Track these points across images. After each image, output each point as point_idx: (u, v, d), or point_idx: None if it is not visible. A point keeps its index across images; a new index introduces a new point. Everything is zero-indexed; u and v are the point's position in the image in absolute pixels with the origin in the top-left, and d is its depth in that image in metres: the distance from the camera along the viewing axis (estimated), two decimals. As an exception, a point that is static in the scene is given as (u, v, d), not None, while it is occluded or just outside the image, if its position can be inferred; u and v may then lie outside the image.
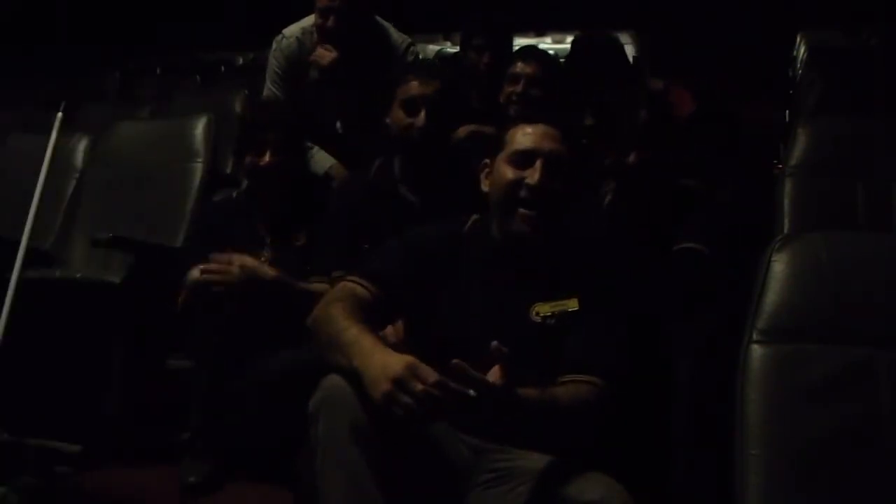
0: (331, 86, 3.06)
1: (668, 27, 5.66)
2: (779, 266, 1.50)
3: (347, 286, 1.79)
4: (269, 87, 3.17)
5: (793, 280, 1.48)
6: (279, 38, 3.18)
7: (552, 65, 3.21)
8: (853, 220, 2.45)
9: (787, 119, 3.86)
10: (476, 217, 1.93)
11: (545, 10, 5.92)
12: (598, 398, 1.66)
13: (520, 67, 3.06)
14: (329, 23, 2.99)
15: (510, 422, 1.53)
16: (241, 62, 6.27)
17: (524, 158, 1.81)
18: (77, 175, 3.36)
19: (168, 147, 3.22)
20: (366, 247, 2.29)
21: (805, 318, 1.46)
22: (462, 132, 2.92)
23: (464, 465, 1.68)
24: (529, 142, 1.82)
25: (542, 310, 1.76)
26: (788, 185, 2.54)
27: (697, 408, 1.91)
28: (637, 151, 2.23)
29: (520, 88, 3.02)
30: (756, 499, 1.36)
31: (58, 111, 2.83)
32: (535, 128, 1.84)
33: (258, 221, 2.54)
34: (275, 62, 3.17)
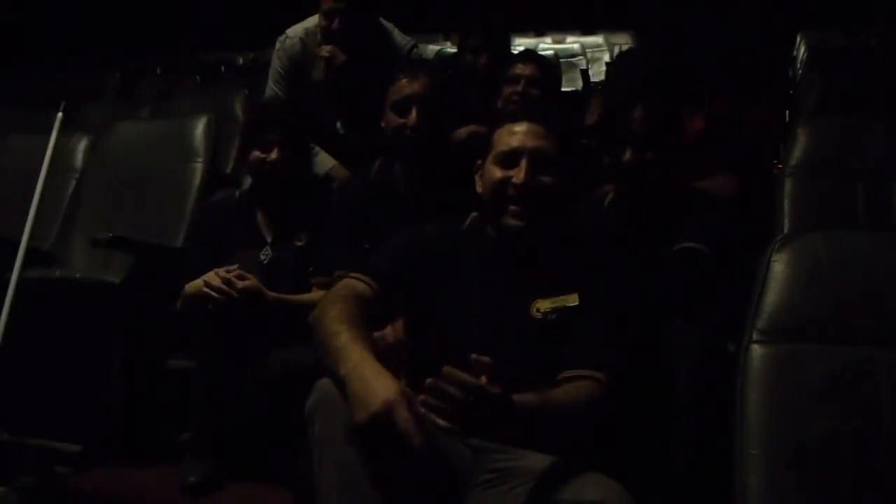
0: (333, 86, 3.06)
1: (668, 27, 5.66)
2: (779, 266, 1.50)
3: (349, 283, 1.79)
4: (272, 87, 3.17)
5: (793, 280, 1.48)
6: (282, 38, 3.18)
7: (551, 66, 3.22)
8: (853, 220, 2.45)
9: (787, 119, 3.86)
10: (475, 215, 1.93)
11: (544, 11, 5.92)
12: (599, 394, 1.65)
13: (519, 69, 3.07)
14: (334, 25, 2.98)
15: (509, 426, 1.51)
16: (242, 62, 6.28)
17: (510, 158, 1.82)
18: (77, 175, 3.36)
19: (168, 147, 3.22)
20: (367, 247, 2.29)
21: (805, 318, 1.46)
22: (462, 132, 2.92)
23: (463, 465, 1.67)
24: (514, 141, 1.83)
25: (543, 306, 1.76)
26: (788, 185, 2.54)
27: (697, 408, 1.91)
28: (633, 150, 2.23)
29: (519, 89, 3.03)
30: (756, 499, 1.36)
31: (58, 111, 2.82)
32: (520, 126, 1.85)
33: (259, 220, 2.55)
34: (277, 62, 3.17)
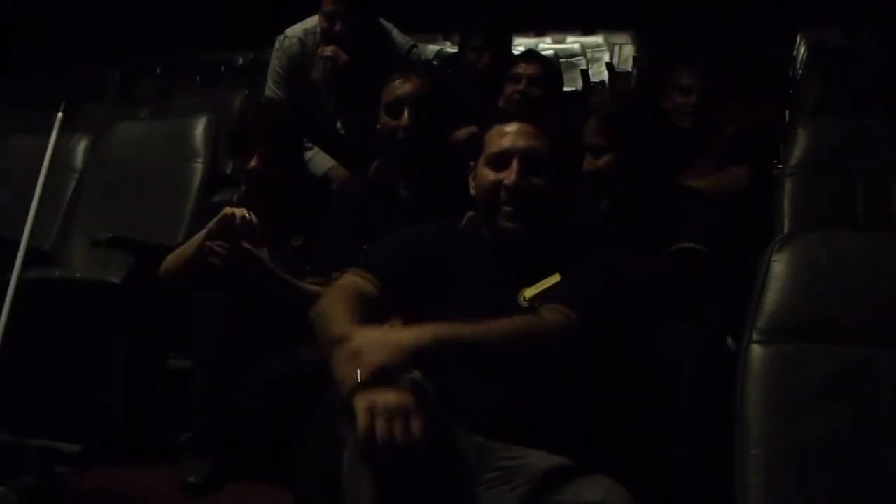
0: (334, 87, 3.06)
1: (668, 27, 5.66)
2: (779, 266, 1.50)
3: (352, 279, 1.79)
4: (271, 87, 3.17)
5: (793, 280, 1.48)
6: (281, 38, 3.18)
7: (553, 67, 3.22)
8: (853, 220, 2.45)
9: (787, 119, 3.86)
10: (471, 215, 1.93)
11: (545, 11, 5.92)
12: (561, 323, 1.65)
13: (522, 68, 3.07)
14: (336, 27, 2.98)
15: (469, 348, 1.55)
16: (241, 62, 6.27)
17: (501, 159, 1.82)
18: (77, 175, 3.35)
19: (168, 147, 3.21)
20: (365, 248, 2.29)
21: (805, 318, 1.46)
22: (462, 133, 2.92)
23: (468, 463, 1.67)
24: (504, 142, 1.83)
25: (528, 293, 1.76)
26: (788, 185, 2.54)
27: (697, 408, 1.91)
28: (610, 153, 2.22)
29: (521, 88, 3.02)
30: (756, 499, 1.36)
31: (58, 111, 2.82)
32: (510, 127, 1.84)
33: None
34: (276, 62, 3.17)
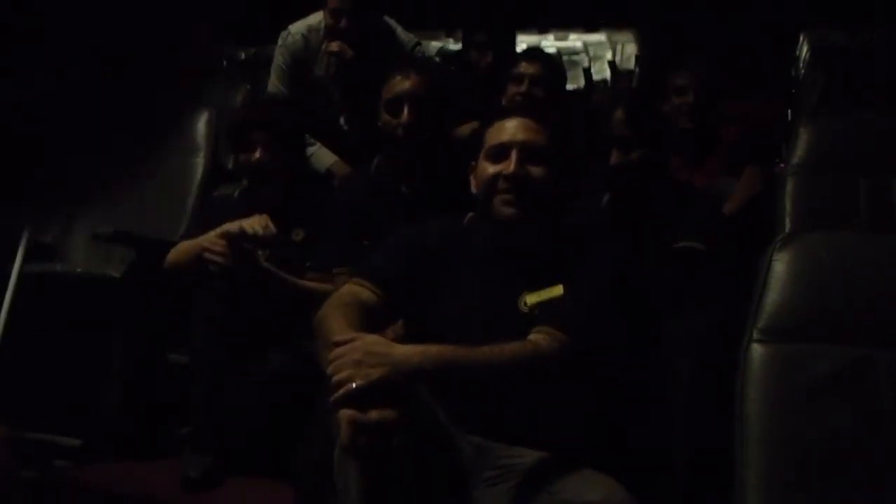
0: (337, 83, 3.05)
1: (670, 26, 5.65)
2: (780, 265, 1.50)
3: (353, 289, 1.79)
4: (274, 83, 3.17)
5: (794, 279, 1.48)
6: (284, 35, 3.17)
7: (555, 66, 3.21)
8: (855, 219, 2.45)
9: (790, 118, 3.85)
10: (472, 215, 1.94)
11: (547, 9, 5.92)
12: (556, 350, 1.65)
13: (523, 67, 3.06)
14: (341, 24, 2.97)
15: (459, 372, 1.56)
16: (244, 57, 6.26)
17: (500, 152, 1.83)
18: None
19: (169, 142, 3.21)
20: (366, 244, 2.29)
21: (806, 318, 1.46)
22: (464, 130, 2.92)
23: (468, 463, 1.68)
24: (503, 136, 1.84)
25: (530, 299, 1.76)
26: (790, 184, 2.54)
27: (697, 407, 1.91)
28: (618, 152, 2.23)
29: (523, 88, 3.02)
30: (756, 499, 1.36)
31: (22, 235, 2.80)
32: (510, 121, 1.86)
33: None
34: (280, 58, 3.16)
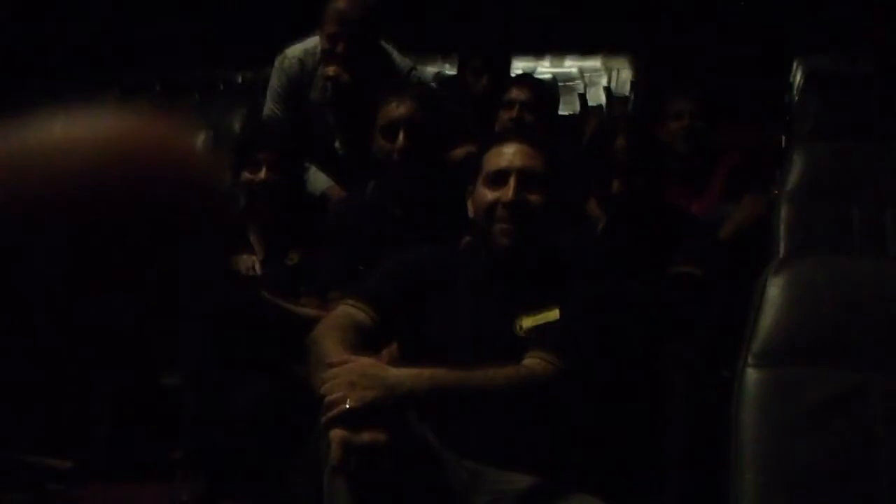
0: (333, 106, 3.06)
1: (665, 52, 5.68)
2: (774, 290, 1.50)
3: (348, 311, 1.79)
4: (269, 106, 3.17)
5: (788, 304, 1.48)
6: (281, 58, 3.18)
7: (546, 91, 3.23)
8: (849, 245, 2.45)
9: (784, 144, 3.87)
10: (469, 239, 1.94)
11: (543, 33, 5.95)
12: (550, 375, 1.66)
13: (514, 93, 3.07)
14: (338, 49, 2.98)
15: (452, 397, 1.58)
16: (241, 80, 6.27)
17: (498, 178, 1.83)
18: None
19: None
20: (361, 268, 2.28)
21: (800, 342, 1.46)
22: (459, 153, 2.92)
23: (460, 487, 1.67)
24: (502, 161, 1.84)
25: (526, 323, 1.77)
26: (784, 209, 2.54)
27: (691, 431, 1.91)
28: (620, 180, 2.23)
29: (514, 114, 3.03)
30: (750, 523, 1.35)
31: None
32: (508, 146, 1.86)
33: (252, 240, 2.54)
34: (276, 81, 3.17)
